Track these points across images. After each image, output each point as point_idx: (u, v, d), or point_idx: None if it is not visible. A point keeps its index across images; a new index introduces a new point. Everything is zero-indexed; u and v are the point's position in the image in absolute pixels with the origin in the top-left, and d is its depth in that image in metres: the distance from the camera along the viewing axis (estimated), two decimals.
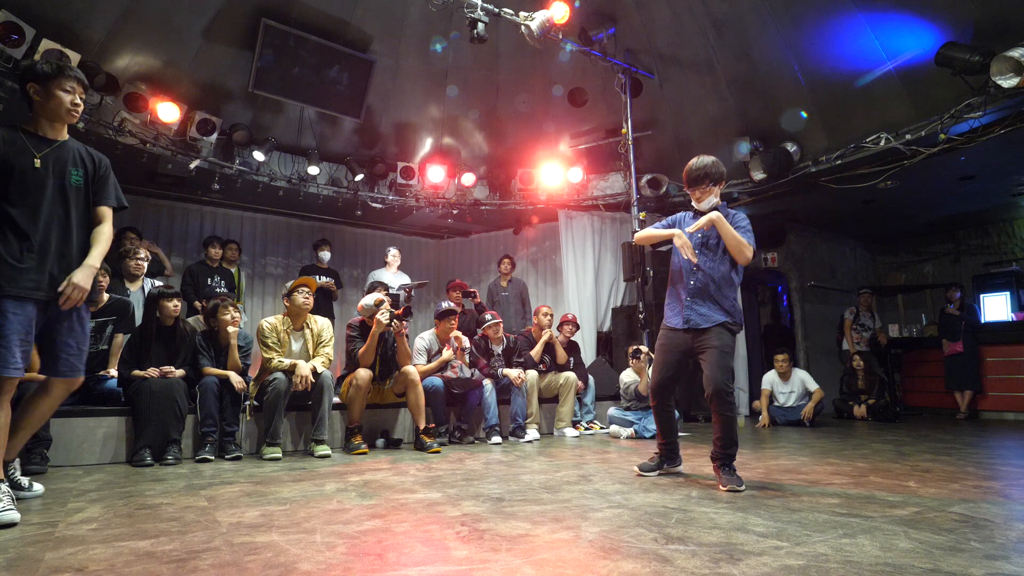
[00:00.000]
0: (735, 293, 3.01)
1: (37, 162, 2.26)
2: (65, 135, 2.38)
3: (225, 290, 5.63)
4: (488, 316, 5.44)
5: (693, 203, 3.07)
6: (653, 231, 3.17)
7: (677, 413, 5.16)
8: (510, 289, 6.80)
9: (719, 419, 2.88)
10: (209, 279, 5.81)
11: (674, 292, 3.11)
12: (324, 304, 6.34)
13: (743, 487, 2.71)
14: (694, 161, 3.04)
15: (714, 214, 2.91)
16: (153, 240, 6.12)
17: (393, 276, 6.49)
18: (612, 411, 5.36)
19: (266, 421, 3.96)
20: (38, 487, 2.64)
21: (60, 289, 2.24)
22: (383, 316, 4.37)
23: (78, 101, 2.36)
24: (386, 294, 4.90)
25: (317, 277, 6.33)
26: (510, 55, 6.61)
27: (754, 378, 7.02)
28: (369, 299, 4.59)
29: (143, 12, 5.13)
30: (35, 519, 2.19)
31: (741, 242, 2.90)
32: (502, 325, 5.52)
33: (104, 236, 2.41)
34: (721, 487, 2.72)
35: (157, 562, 1.66)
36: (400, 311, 4.55)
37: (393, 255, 6.62)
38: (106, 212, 2.44)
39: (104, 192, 2.43)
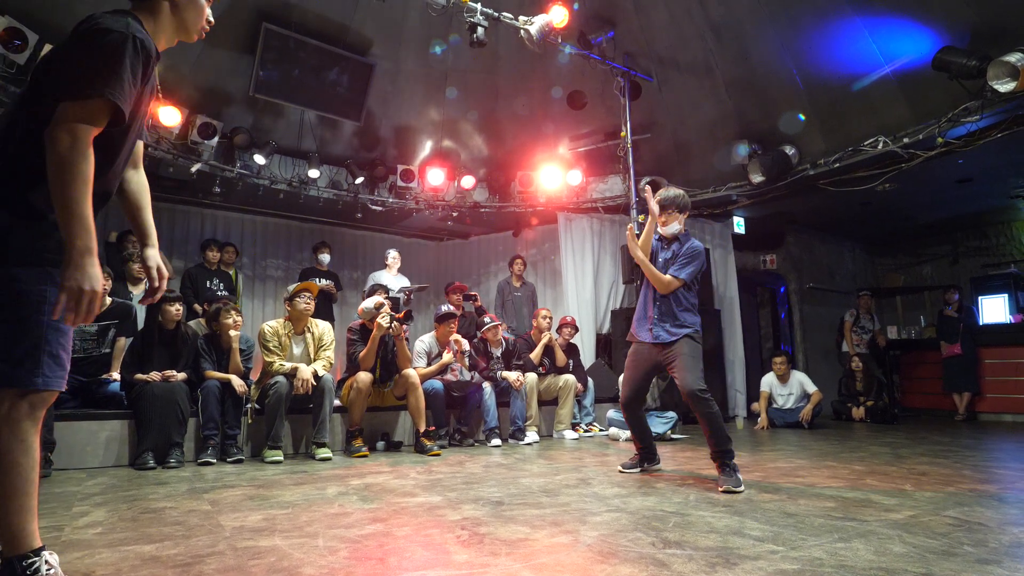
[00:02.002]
0: (694, 316, 3.20)
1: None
2: None
3: (225, 292, 5.65)
4: (487, 319, 5.46)
5: (658, 227, 3.29)
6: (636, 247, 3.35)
7: (676, 415, 5.21)
8: (523, 291, 6.80)
9: (703, 419, 3.01)
10: (208, 282, 5.84)
11: (644, 307, 3.32)
12: (324, 307, 6.36)
13: (741, 488, 2.75)
14: (662, 191, 3.29)
15: (639, 254, 3.23)
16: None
17: (393, 278, 6.50)
18: (611, 413, 5.39)
19: (267, 424, 3.98)
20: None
21: (154, 281, 1.65)
22: (383, 319, 4.40)
23: (213, 20, 1.79)
24: (386, 297, 4.93)
25: (317, 280, 6.36)
26: (509, 58, 6.63)
27: (752, 380, 7.04)
28: (369, 303, 4.62)
29: None
30: (41, 523, 2.20)
31: (658, 279, 3.18)
32: (501, 328, 5.54)
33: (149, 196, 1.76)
34: (719, 488, 2.76)
35: (163, 567, 1.69)
36: (401, 315, 4.57)
37: (393, 257, 6.63)
38: (140, 150, 1.77)
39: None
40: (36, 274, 1.40)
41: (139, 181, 1.74)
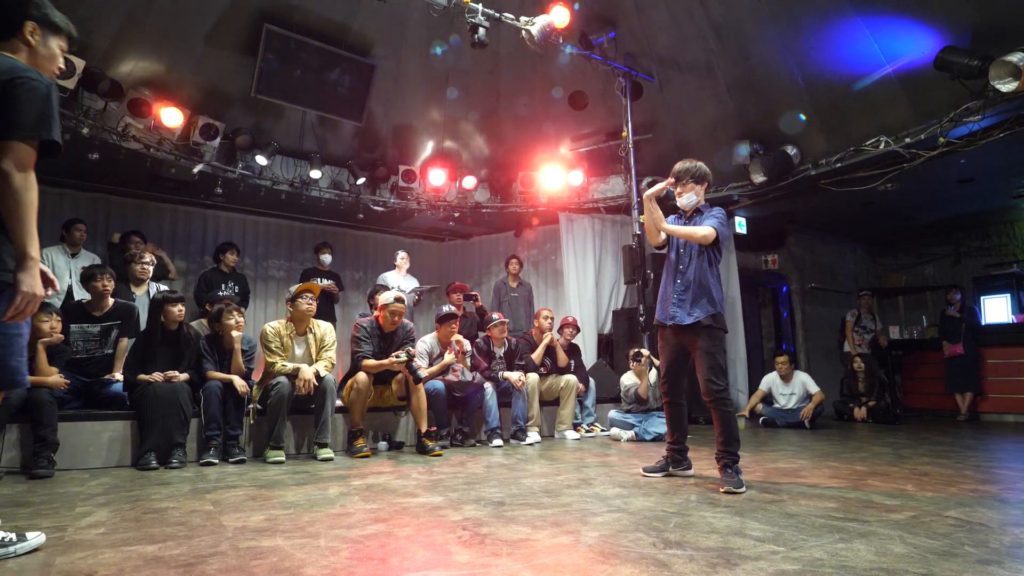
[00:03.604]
0: (718, 291, 3.09)
1: None
2: None
3: (230, 294, 5.65)
4: (495, 316, 5.47)
5: (677, 201, 3.26)
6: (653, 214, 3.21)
7: None
8: (520, 291, 6.80)
9: (716, 415, 2.96)
10: (223, 285, 5.86)
11: (664, 289, 3.23)
12: (325, 307, 6.37)
13: (742, 488, 2.73)
14: (677, 165, 3.25)
15: (664, 225, 3.15)
16: (157, 244, 6.16)
17: (402, 279, 6.53)
18: (613, 414, 5.39)
19: (269, 424, 3.99)
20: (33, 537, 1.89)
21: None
22: (399, 358, 4.36)
23: (63, 66, 2.04)
24: (407, 291, 4.92)
25: (318, 280, 6.38)
26: (510, 58, 6.63)
27: (754, 380, 7.04)
28: (389, 295, 4.62)
29: (146, 19, 5.17)
30: (45, 523, 2.22)
31: (693, 233, 3.07)
32: (507, 326, 5.53)
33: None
34: (720, 488, 2.76)
35: (165, 567, 1.70)
36: (418, 376, 4.46)
37: (402, 258, 6.65)
38: None
39: None
40: None
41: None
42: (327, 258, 6.72)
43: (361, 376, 4.30)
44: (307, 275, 6.64)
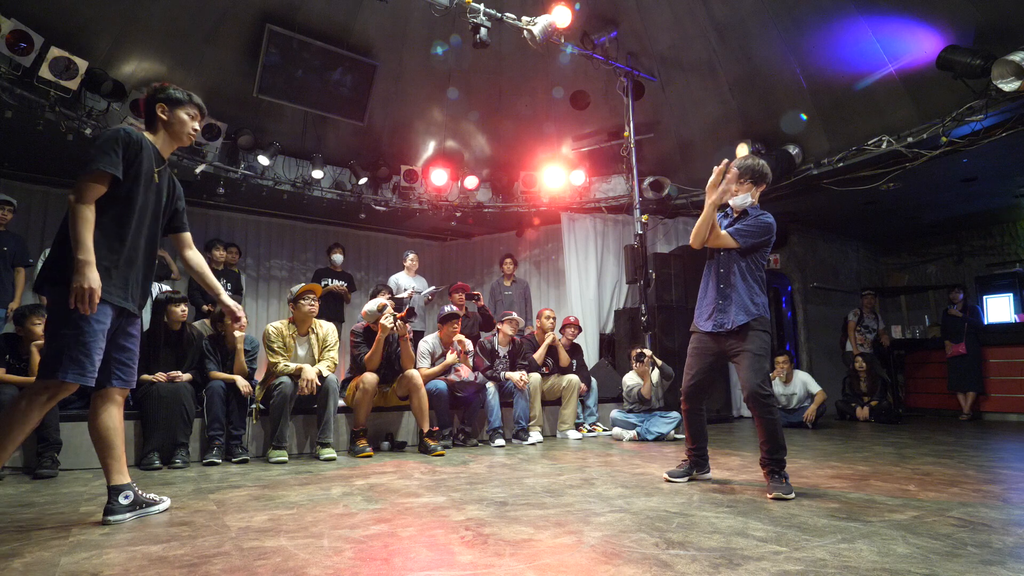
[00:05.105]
0: (760, 296, 2.95)
1: (156, 176, 2.36)
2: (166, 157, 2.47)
3: (229, 292, 5.65)
4: (512, 314, 5.49)
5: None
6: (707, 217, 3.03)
7: (679, 416, 5.18)
8: (514, 289, 6.80)
9: (760, 423, 2.83)
10: None
11: (705, 289, 3.09)
12: (335, 307, 6.38)
13: (792, 495, 2.61)
14: (738, 160, 3.10)
15: (715, 195, 2.95)
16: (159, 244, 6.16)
17: (412, 280, 6.55)
18: (615, 413, 5.39)
19: (272, 424, 4.00)
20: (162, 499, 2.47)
21: (235, 313, 2.62)
22: (387, 320, 4.40)
23: (197, 127, 2.52)
24: (390, 298, 4.93)
25: (329, 280, 6.40)
26: (512, 58, 6.64)
27: None
28: (372, 304, 4.63)
29: (149, 19, 5.18)
30: (49, 523, 2.23)
31: (714, 232, 2.94)
32: (518, 325, 5.54)
33: (207, 266, 2.69)
34: (768, 495, 2.65)
35: (170, 567, 1.70)
36: (403, 313, 4.57)
37: (411, 259, 6.65)
38: (188, 238, 2.64)
39: (184, 219, 2.63)
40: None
41: (196, 258, 2.68)
42: (339, 258, 6.71)
43: (368, 376, 4.31)
44: (319, 275, 6.66)
